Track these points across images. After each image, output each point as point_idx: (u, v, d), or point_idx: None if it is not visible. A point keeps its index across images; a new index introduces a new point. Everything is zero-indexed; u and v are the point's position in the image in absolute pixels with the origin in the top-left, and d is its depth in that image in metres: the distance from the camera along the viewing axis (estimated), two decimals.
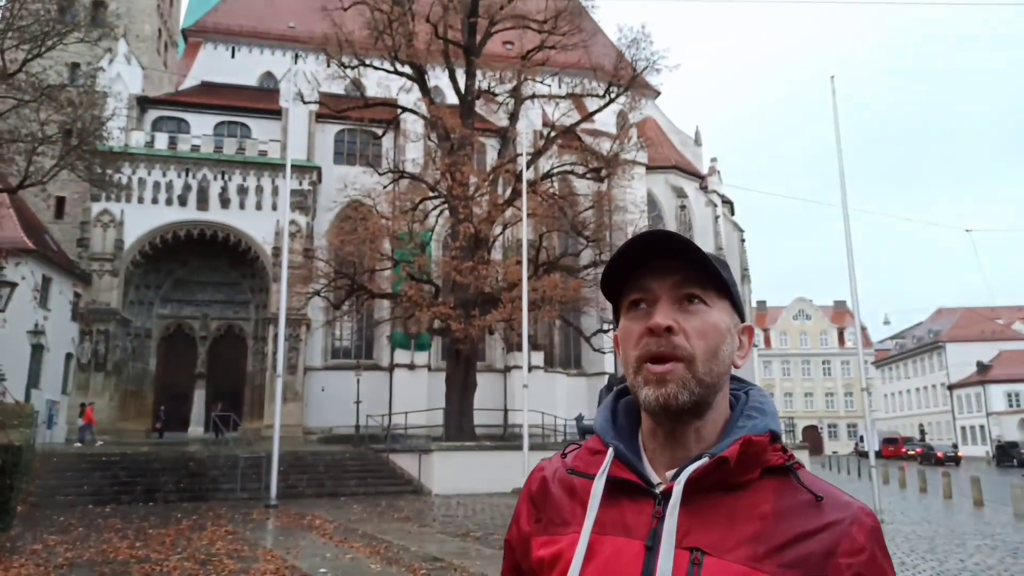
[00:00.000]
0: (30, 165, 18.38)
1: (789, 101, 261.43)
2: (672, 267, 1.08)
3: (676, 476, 1.04)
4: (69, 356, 33.32)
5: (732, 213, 51.41)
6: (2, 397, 12.26)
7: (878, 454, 19.45)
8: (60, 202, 37.40)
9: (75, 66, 34.93)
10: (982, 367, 64.58)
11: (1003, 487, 28.70)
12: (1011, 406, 61.07)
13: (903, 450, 56.08)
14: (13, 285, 13.10)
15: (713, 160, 50.52)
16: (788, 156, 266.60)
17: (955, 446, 54.47)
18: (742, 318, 1.14)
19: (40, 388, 30.39)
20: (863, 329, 48.19)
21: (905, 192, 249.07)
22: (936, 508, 20.19)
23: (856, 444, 65.86)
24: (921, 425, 73.06)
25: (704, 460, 1.03)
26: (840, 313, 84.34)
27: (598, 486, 1.07)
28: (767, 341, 79.71)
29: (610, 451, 1.10)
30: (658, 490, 1.05)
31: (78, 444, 26.86)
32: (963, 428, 66.23)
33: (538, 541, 1.13)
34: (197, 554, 11.08)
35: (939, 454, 49.08)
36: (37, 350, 29.89)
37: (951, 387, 67.84)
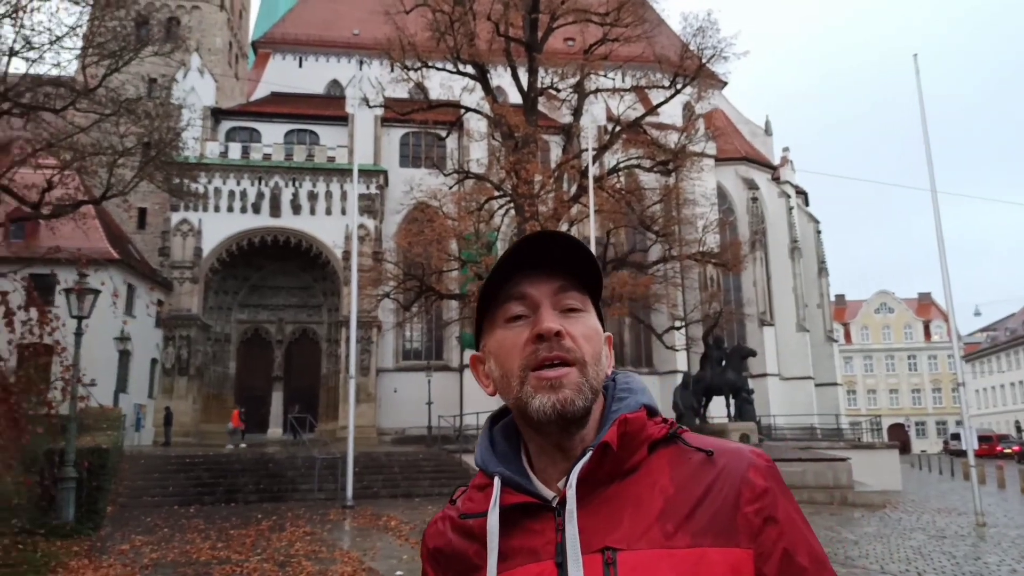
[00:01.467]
0: (111, 176, 19.06)
1: (868, 84, 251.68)
2: (549, 274, 1.05)
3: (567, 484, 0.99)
4: (154, 361, 34.60)
5: (806, 204, 49.75)
6: (87, 401, 12.68)
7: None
8: (142, 213, 38.94)
9: (152, 81, 36.27)
10: None
11: None
12: None
13: (998, 448, 53.04)
14: (96, 292, 13.52)
15: (785, 150, 49.02)
16: (868, 143, 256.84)
17: None
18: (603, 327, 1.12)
19: (128, 392, 31.66)
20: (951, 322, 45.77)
21: (997, 174, 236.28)
22: None
23: (946, 442, 62.74)
24: (1017, 422, 69.11)
25: (588, 455, 0.99)
26: (925, 305, 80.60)
27: (492, 520, 1.01)
28: (847, 336, 76.75)
29: (496, 480, 1.03)
30: (555, 503, 0.99)
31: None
32: None
33: None
34: (276, 555, 11.18)
35: None
36: (124, 356, 31.13)
37: None
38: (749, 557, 0.94)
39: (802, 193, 49.17)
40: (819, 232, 48.31)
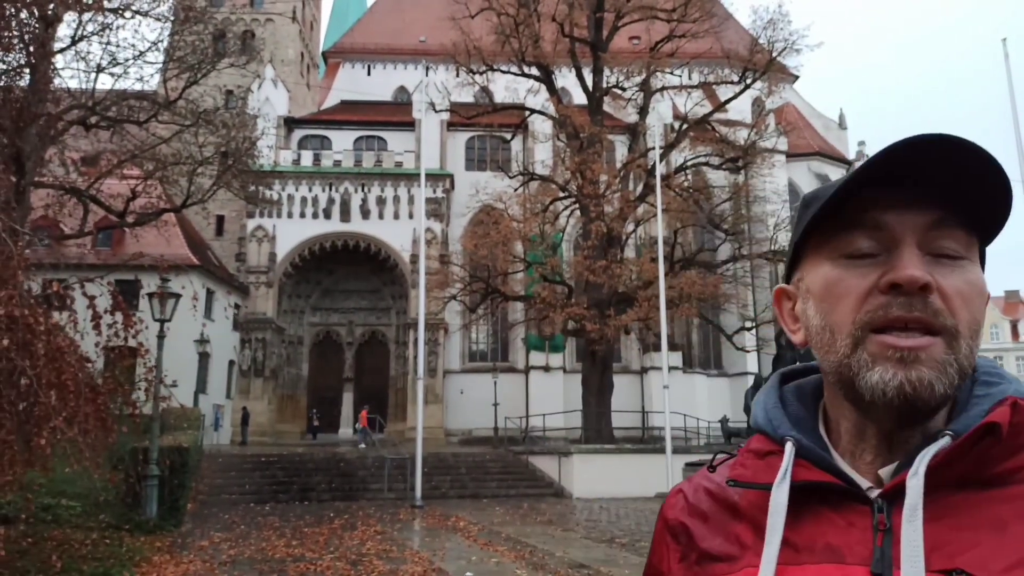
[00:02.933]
0: (191, 185, 19.87)
1: (953, 72, 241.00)
2: (923, 199, 0.74)
3: (897, 473, 0.73)
4: (232, 363, 35.81)
5: None
6: (168, 401, 13.22)
7: None
8: (220, 220, 40.42)
9: (229, 93, 37.60)
10: None
11: None
12: None
13: None
14: (177, 296, 14.10)
15: (860, 144, 47.27)
16: (951, 132, 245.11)
17: None
18: None
19: (207, 393, 32.87)
20: None
21: None
22: None
23: None
24: None
25: (946, 439, 0.71)
26: (1012, 304, 76.58)
27: (779, 496, 0.75)
28: None
29: (789, 446, 0.78)
30: (873, 494, 0.74)
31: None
32: None
33: None
34: (349, 554, 11.38)
35: None
36: (203, 358, 32.35)
37: None
38: None
39: None
40: None
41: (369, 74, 48.58)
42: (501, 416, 30.34)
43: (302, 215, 36.79)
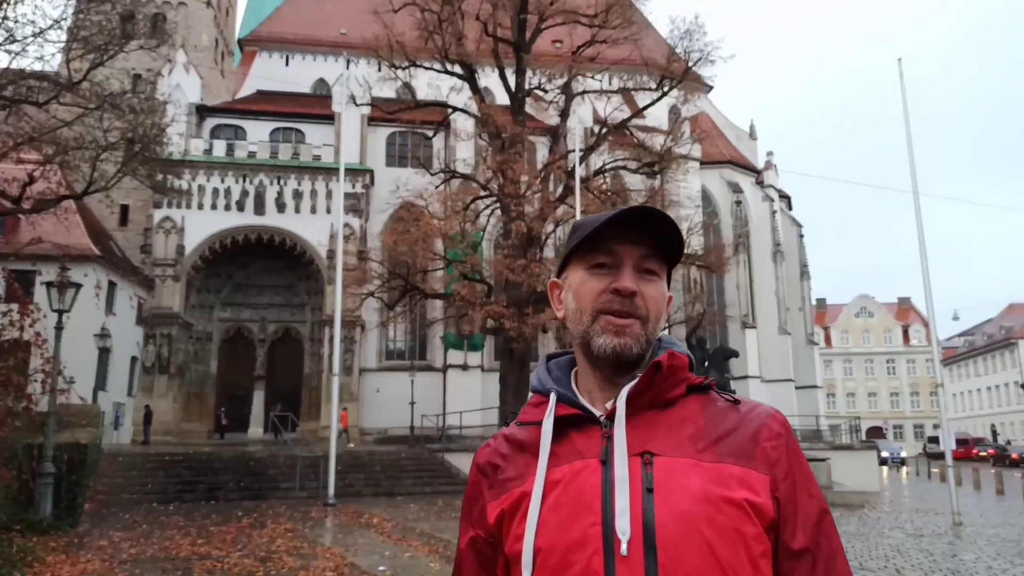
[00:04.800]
0: (94, 171, 18.87)
1: (853, 88, 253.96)
2: (639, 238, 1.21)
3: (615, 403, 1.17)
4: (134, 359, 34.26)
5: (790, 208, 50.15)
6: (67, 395, 12.55)
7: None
8: (124, 210, 38.57)
9: (137, 77, 35.97)
10: None
11: None
12: None
13: (974, 451, 53.75)
14: (78, 286, 13.39)
15: (769, 154, 49.41)
16: (852, 146, 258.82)
17: None
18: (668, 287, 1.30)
19: (107, 390, 31.30)
20: (929, 326, 45.90)
21: (980, 179, 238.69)
22: (1017, 511, 19.15)
23: (924, 445, 63.45)
24: (993, 425, 70.00)
25: (637, 377, 1.17)
26: (905, 310, 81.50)
27: (547, 425, 1.19)
28: (828, 340, 77.40)
29: (552, 395, 1.22)
30: (601, 417, 1.18)
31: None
32: None
33: (493, 505, 1.21)
34: (257, 551, 11.13)
35: (1014, 455, 46.84)
36: (104, 353, 30.79)
37: None
38: (765, 481, 1.13)
39: (785, 197, 49.56)
40: (802, 236, 48.71)
41: (287, 64, 47.42)
42: (418, 415, 30.19)
43: (213, 207, 35.55)
